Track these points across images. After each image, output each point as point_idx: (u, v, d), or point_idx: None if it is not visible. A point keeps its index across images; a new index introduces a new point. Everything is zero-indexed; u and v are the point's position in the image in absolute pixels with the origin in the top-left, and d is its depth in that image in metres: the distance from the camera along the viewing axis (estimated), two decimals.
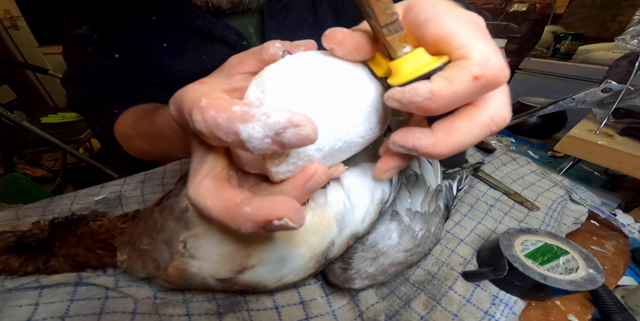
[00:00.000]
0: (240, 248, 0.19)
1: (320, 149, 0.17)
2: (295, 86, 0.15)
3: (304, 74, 0.16)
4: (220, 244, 0.19)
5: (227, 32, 0.41)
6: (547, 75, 1.17)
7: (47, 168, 1.29)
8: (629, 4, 1.21)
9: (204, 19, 0.39)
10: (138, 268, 0.21)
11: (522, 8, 1.32)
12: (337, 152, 0.18)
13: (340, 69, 0.17)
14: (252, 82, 0.17)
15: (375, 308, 0.24)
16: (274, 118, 0.12)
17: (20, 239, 0.22)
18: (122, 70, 0.41)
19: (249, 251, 0.19)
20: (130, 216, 0.25)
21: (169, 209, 0.20)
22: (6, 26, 1.80)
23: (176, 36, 0.40)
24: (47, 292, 0.22)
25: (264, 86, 0.16)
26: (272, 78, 0.16)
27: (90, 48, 0.39)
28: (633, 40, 0.42)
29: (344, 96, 0.16)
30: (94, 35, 0.39)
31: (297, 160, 0.16)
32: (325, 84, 0.16)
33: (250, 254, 0.19)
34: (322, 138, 0.16)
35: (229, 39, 0.41)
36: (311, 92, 0.15)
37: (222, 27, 0.40)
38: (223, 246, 0.19)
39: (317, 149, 0.16)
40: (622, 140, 0.44)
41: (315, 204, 0.22)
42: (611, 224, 0.38)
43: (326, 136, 0.16)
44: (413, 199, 0.28)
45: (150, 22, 0.39)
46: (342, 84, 0.16)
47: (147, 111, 0.39)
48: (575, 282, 0.23)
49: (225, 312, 0.23)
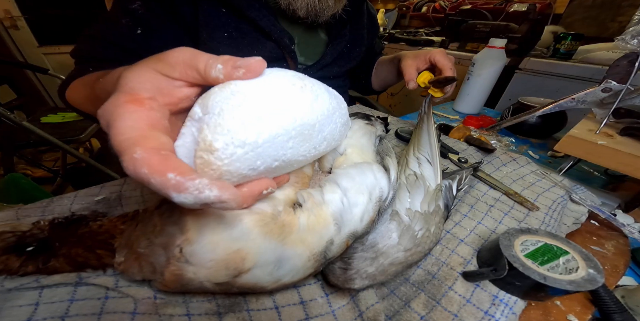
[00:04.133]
0: (234, 253, 0.19)
1: (255, 169, 0.18)
2: (235, 115, 0.17)
3: (245, 105, 0.17)
4: (213, 250, 0.19)
5: (283, 35, 0.47)
6: (547, 75, 1.17)
7: (47, 167, 1.29)
8: (629, 4, 1.21)
9: (269, 20, 0.45)
10: (134, 271, 0.21)
11: (522, 8, 1.31)
12: (276, 169, 0.20)
13: (280, 97, 0.18)
14: (197, 102, 0.18)
15: (375, 308, 0.24)
16: (205, 194, 0.13)
17: (20, 239, 0.22)
18: (137, 43, 0.42)
19: (243, 254, 0.19)
20: (130, 216, 0.25)
21: (169, 212, 0.20)
22: (6, 26, 1.80)
23: (238, 29, 0.45)
24: (47, 292, 0.22)
25: (207, 109, 0.17)
26: (214, 104, 0.17)
27: (124, 19, 0.41)
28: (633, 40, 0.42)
29: (280, 124, 0.18)
30: (140, 11, 0.41)
31: (230, 177, 0.18)
32: (263, 113, 0.17)
33: (245, 258, 0.19)
34: (257, 160, 0.18)
35: (283, 42, 0.47)
36: (250, 123, 0.17)
37: (279, 30, 0.46)
38: (216, 252, 0.19)
39: (251, 169, 0.18)
40: (622, 140, 0.43)
41: (312, 203, 0.22)
42: (611, 224, 0.38)
43: (261, 158, 0.18)
44: (413, 199, 0.28)
45: (220, 13, 0.44)
46: (279, 113, 0.18)
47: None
48: (575, 282, 0.23)
49: (225, 312, 0.23)
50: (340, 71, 0.60)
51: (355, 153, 0.30)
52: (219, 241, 0.19)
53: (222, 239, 0.19)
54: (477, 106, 0.82)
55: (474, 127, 0.68)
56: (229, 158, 0.16)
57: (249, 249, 0.19)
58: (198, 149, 0.17)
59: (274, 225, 0.20)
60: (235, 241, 0.19)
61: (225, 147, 0.16)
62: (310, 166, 0.29)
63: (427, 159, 0.32)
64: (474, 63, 0.76)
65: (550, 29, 1.33)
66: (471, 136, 0.54)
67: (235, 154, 0.16)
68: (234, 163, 0.17)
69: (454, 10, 1.65)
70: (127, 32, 0.41)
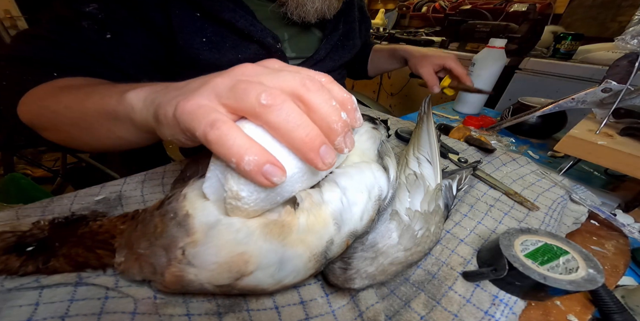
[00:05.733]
0: (238, 256, 0.19)
1: (276, 203, 0.21)
2: None
3: None
4: (217, 253, 0.19)
5: (265, 35, 0.44)
6: (547, 75, 1.17)
7: (47, 167, 1.29)
8: (629, 4, 1.21)
9: (246, 20, 0.42)
10: (134, 272, 0.21)
11: (522, 8, 1.31)
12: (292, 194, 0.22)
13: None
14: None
15: (375, 308, 0.24)
16: None
17: (20, 239, 0.22)
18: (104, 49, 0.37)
19: (246, 258, 0.19)
20: (130, 216, 0.25)
21: (171, 213, 0.20)
22: (6, 26, 1.80)
23: (217, 33, 0.42)
24: (47, 292, 0.22)
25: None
26: None
27: (85, 22, 0.35)
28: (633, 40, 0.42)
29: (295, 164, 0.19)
30: (99, 15, 0.36)
31: (255, 213, 0.21)
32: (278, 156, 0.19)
33: (248, 261, 0.19)
34: (277, 196, 0.20)
35: (266, 41, 0.44)
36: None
37: (260, 29, 0.44)
38: (220, 255, 0.19)
39: (272, 204, 0.21)
40: (622, 140, 0.43)
41: (310, 203, 0.22)
42: (611, 224, 0.38)
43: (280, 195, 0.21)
44: (413, 199, 0.28)
45: (195, 17, 0.40)
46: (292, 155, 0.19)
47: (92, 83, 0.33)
48: (575, 282, 0.23)
49: (225, 312, 0.23)
50: (335, 65, 0.59)
51: (356, 154, 0.30)
52: (224, 244, 0.19)
53: (228, 242, 0.19)
54: (477, 106, 0.82)
55: (474, 127, 0.69)
56: (254, 202, 0.19)
57: (252, 252, 0.19)
58: (227, 197, 0.19)
59: (273, 226, 0.20)
60: (239, 244, 0.19)
61: (249, 195, 0.19)
62: None
63: (427, 159, 0.32)
64: (474, 63, 0.76)
65: (550, 29, 1.33)
66: (471, 136, 0.54)
67: (259, 198, 0.19)
68: (259, 204, 0.19)
69: (454, 10, 1.65)
70: (93, 36, 0.36)
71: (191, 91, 0.18)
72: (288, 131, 0.17)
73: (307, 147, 0.17)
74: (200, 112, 0.16)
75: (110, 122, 0.26)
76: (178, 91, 0.19)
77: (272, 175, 0.16)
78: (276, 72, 0.18)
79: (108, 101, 0.25)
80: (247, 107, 0.17)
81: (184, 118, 0.17)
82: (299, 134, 0.17)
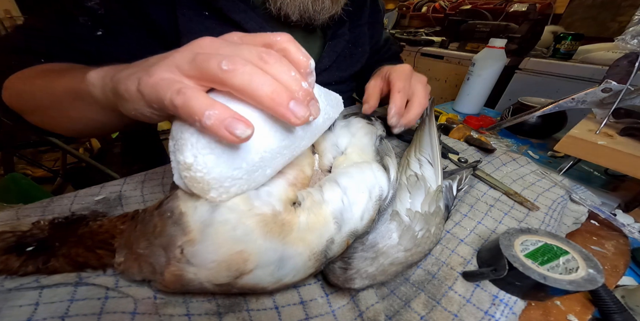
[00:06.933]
0: (237, 254, 0.19)
1: (241, 168, 0.19)
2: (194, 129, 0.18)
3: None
4: (216, 251, 0.19)
5: None
6: (547, 75, 1.17)
7: (47, 167, 1.29)
8: (629, 4, 1.21)
9: (255, 23, 0.41)
10: (134, 271, 0.21)
11: (522, 8, 1.32)
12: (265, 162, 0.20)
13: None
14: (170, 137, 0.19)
15: (375, 308, 0.24)
16: None
17: (20, 239, 0.22)
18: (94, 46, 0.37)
19: (245, 256, 0.19)
20: (130, 216, 0.25)
21: (168, 213, 0.20)
22: (6, 26, 1.80)
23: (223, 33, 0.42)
24: (47, 292, 0.22)
25: (173, 136, 0.19)
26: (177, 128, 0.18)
27: (82, 18, 0.36)
28: (633, 40, 0.42)
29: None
30: (99, 11, 0.36)
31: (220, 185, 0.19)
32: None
33: (247, 260, 0.19)
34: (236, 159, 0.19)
35: None
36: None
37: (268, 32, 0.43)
38: (218, 253, 0.19)
39: (236, 169, 0.19)
40: (622, 140, 0.43)
41: (311, 202, 0.22)
42: (611, 224, 0.38)
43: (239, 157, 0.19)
44: (413, 200, 0.28)
45: (203, 17, 0.40)
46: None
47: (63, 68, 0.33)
48: (575, 282, 0.23)
49: (225, 312, 0.23)
50: (344, 75, 0.55)
51: (356, 153, 0.30)
52: (222, 242, 0.19)
53: (225, 240, 0.19)
54: (477, 106, 0.82)
55: (474, 127, 0.69)
56: (205, 166, 0.17)
57: (251, 250, 0.19)
58: (180, 170, 0.18)
59: (273, 225, 0.20)
60: (238, 242, 0.19)
61: (195, 158, 0.17)
62: (309, 166, 0.29)
63: (428, 161, 0.32)
64: (474, 63, 0.76)
65: (550, 29, 1.33)
66: (471, 136, 0.54)
67: (208, 161, 0.18)
68: (213, 170, 0.18)
69: (454, 10, 1.65)
70: (85, 33, 0.36)
71: (151, 65, 0.18)
72: (253, 90, 0.17)
73: (275, 102, 0.17)
74: (165, 83, 0.17)
75: (78, 102, 0.27)
76: (137, 68, 0.19)
77: (234, 128, 0.15)
78: (235, 45, 0.19)
79: (74, 81, 0.26)
80: (210, 75, 0.17)
81: (148, 91, 0.17)
82: (264, 91, 0.17)
